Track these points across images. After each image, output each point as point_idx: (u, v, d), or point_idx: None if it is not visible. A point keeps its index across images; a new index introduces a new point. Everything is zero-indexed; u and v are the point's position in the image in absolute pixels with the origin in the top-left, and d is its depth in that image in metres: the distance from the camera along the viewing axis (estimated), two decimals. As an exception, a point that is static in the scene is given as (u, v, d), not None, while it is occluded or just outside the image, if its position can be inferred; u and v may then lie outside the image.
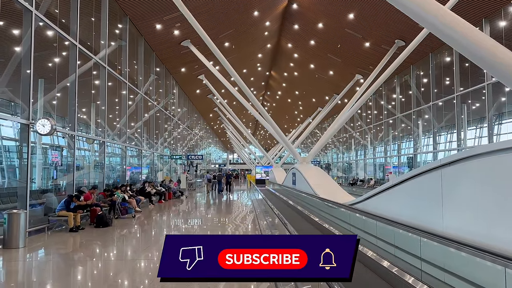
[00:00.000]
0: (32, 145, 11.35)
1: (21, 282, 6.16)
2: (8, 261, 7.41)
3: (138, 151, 21.74)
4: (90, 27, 14.95)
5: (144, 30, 19.08)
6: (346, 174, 40.46)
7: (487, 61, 5.32)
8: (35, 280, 6.20)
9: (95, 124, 16.61)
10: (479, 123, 22.27)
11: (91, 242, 9.52)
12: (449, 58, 19.90)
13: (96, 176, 16.03)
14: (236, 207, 19.32)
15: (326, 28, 22.21)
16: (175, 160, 29.14)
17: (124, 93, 18.16)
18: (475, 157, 4.79)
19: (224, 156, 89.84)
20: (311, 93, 37.33)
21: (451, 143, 22.59)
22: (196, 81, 28.25)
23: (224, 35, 22.12)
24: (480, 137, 22.00)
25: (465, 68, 18.29)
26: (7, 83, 11.81)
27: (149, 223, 13.06)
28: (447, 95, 20.38)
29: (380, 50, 20.81)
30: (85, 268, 7.23)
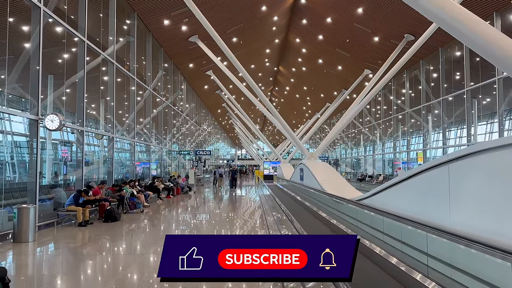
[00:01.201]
0: (42, 141, 11.49)
1: (31, 276, 6.25)
2: (18, 254, 7.52)
3: (146, 146, 21.87)
4: (98, 23, 15.03)
5: (152, 26, 19.13)
6: (355, 170, 40.31)
7: (497, 56, 5.23)
8: (45, 274, 6.29)
9: (104, 120, 16.74)
10: (490, 118, 22.01)
11: (100, 236, 9.62)
12: (459, 53, 19.65)
13: (105, 171, 16.17)
14: (244, 202, 19.36)
15: (335, 23, 22.06)
16: (183, 156, 29.27)
17: (133, 89, 18.26)
18: (484, 151, 4.72)
19: (232, 151, 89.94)
20: (320, 89, 37.18)
21: (461, 138, 22.38)
22: (204, 77, 28.28)
23: (231, 30, 22.09)
24: (491, 133, 21.75)
25: (476, 62, 18.06)
26: (17, 79, 11.94)
27: (157, 218, 13.16)
28: (457, 90, 20.15)
29: (389, 44, 20.62)
30: (94, 262, 7.31)
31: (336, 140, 47.45)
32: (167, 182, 20.14)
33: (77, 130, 13.19)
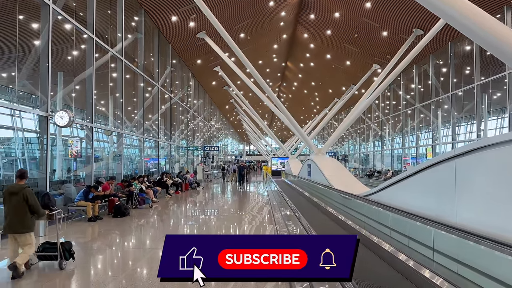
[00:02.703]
0: (53, 137, 11.63)
1: (42, 268, 6.36)
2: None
3: (155, 142, 22.02)
4: (106, 20, 15.14)
5: (159, 22, 19.20)
6: (364, 166, 40.16)
7: (507, 53, 5.16)
8: (55, 268, 6.39)
9: (113, 116, 16.90)
10: (500, 113, 21.76)
11: (109, 231, 9.74)
12: (469, 47, 19.44)
13: (114, 167, 16.34)
14: (252, 198, 19.42)
15: (343, 17, 21.93)
16: (192, 152, 29.42)
17: (141, 85, 18.38)
18: (492, 146, 4.68)
19: (240, 147, 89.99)
20: (328, 84, 37.02)
21: (471, 133, 22.18)
22: (212, 73, 28.39)
23: (239, 26, 22.08)
24: (501, 128, 21.52)
25: (486, 57, 17.84)
26: (27, 76, 12.08)
27: (166, 213, 13.27)
28: (467, 85, 19.95)
29: (398, 39, 20.46)
30: (104, 256, 7.42)
31: (344, 136, 47.25)
32: (175, 178, 20.28)
33: (86, 126, 13.33)
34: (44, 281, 5.69)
